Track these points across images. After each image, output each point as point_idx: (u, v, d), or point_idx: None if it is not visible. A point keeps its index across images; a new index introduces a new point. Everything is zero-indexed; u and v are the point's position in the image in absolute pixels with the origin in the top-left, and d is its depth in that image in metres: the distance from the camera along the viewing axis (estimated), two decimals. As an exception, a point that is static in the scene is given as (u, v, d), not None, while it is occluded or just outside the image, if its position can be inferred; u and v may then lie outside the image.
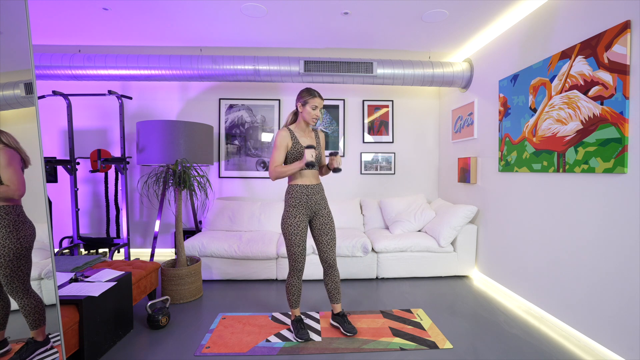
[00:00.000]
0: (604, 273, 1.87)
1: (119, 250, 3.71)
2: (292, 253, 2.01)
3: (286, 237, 2.01)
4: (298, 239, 1.99)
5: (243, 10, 2.71)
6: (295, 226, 1.99)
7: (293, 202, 2.00)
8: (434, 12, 2.70)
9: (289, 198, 2.01)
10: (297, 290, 2.09)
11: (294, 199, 2.00)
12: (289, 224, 1.99)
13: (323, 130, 1.94)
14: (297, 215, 2.00)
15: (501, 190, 2.83)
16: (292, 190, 2.02)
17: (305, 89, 2.00)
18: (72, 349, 1.66)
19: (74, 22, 2.95)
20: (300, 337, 2.02)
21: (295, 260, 2.03)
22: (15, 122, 1.28)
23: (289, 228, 1.99)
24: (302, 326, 2.09)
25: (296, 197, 2.00)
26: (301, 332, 2.05)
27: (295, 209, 2.00)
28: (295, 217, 1.99)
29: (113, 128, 3.93)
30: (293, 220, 1.99)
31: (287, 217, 2.00)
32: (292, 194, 2.01)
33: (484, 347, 1.96)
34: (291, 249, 2.01)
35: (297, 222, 1.99)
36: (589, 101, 1.95)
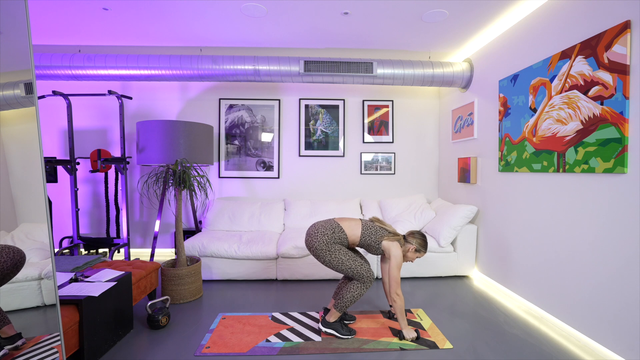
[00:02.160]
0: (604, 273, 1.87)
1: (119, 250, 3.71)
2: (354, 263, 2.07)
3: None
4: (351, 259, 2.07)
5: (243, 10, 2.71)
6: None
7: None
8: (434, 12, 2.70)
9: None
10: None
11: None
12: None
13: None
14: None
15: (501, 190, 2.83)
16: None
17: (425, 240, 2.14)
18: (72, 349, 1.66)
19: (74, 22, 2.95)
20: (352, 334, 2.07)
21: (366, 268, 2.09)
22: (15, 122, 1.28)
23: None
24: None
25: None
26: (348, 329, 2.10)
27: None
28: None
29: (113, 128, 3.93)
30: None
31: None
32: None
33: (484, 347, 1.96)
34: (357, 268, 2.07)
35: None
36: (589, 101, 1.95)
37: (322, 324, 2.09)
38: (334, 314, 2.07)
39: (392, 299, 2.01)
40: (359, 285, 2.04)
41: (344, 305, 2.03)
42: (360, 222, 2.13)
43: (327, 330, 2.07)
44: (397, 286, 2.00)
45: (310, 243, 2.06)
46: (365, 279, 2.03)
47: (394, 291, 2.00)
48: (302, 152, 4.05)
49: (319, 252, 2.03)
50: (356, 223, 2.12)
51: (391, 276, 2.02)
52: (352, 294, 2.02)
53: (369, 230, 2.09)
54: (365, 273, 2.03)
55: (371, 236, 2.08)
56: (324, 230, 2.05)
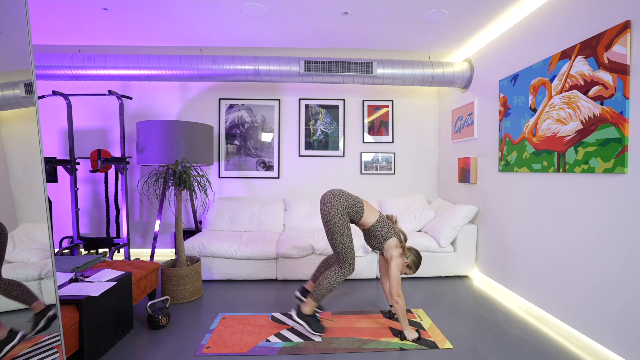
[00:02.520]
0: (604, 273, 1.87)
1: (119, 250, 3.71)
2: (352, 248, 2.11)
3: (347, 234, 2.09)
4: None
5: (243, 10, 2.71)
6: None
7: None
8: (434, 12, 2.70)
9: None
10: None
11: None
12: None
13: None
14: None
15: (501, 190, 2.83)
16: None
17: (420, 260, 2.18)
18: (72, 349, 1.66)
19: (74, 22, 2.95)
20: (322, 331, 2.06)
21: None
22: (15, 122, 1.28)
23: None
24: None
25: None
26: (321, 325, 2.09)
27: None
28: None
29: (113, 128, 3.93)
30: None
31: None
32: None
33: (484, 347, 1.96)
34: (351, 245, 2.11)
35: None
36: (589, 101, 1.95)
37: (296, 313, 2.07)
38: (310, 305, 2.07)
39: (394, 300, 2.01)
40: (337, 271, 2.05)
41: (320, 294, 2.04)
42: (378, 214, 2.18)
43: (300, 321, 2.05)
44: (398, 287, 2.01)
45: (329, 199, 2.06)
46: (347, 264, 2.05)
47: (395, 292, 2.01)
48: (302, 152, 4.05)
49: (332, 209, 2.03)
50: (375, 212, 2.17)
51: (391, 276, 2.03)
52: (329, 280, 2.04)
53: (383, 223, 2.14)
54: (350, 258, 2.05)
55: (382, 229, 2.12)
56: (348, 197, 2.10)
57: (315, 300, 2.05)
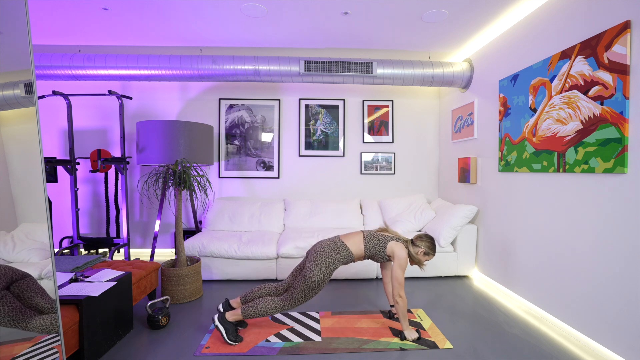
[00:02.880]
0: (604, 273, 1.87)
1: (119, 250, 3.71)
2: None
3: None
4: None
5: (243, 10, 2.71)
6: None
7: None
8: (434, 12, 2.70)
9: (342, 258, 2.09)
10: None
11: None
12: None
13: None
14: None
15: (501, 190, 2.83)
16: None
17: (433, 243, 2.13)
18: (72, 349, 1.66)
19: (74, 22, 2.95)
20: (237, 341, 1.99)
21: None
22: (15, 122, 1.28)
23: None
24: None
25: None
26: (238, 336, 2.03)
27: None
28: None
29: (113, 128, 3.93)
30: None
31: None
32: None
33: (484, 347, 1.96)
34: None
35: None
36: (589, 101, 1.95)
37: (218, 317, 2.01)
38: (236, 315, 2.01)
39: (395, 300, 2.01)
40: (281, 304, 2.00)
41: (252, 313, 1.98)
42: (362, 235, 2.14)
43: (219, 325, 1.99)
44: (400, 287, 2.00)
45: (314, 258, 2.04)
46: (295, 304, 2.01)
47: (397, 293, 2.00)
48: (302, 152, 4.05)
49: (315, 268, 1.99)
50: (359, 237, 2.12)
51: (394, 277, 2.01)
52: (269, 307, 1.99)
53: (372, 240, 2.11)
54: (301, 302, 2.02)
55: (375, 246, 2.09)
56: (329, 251, 2.04)
57: (244, 315, 1.99)
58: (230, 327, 2.00)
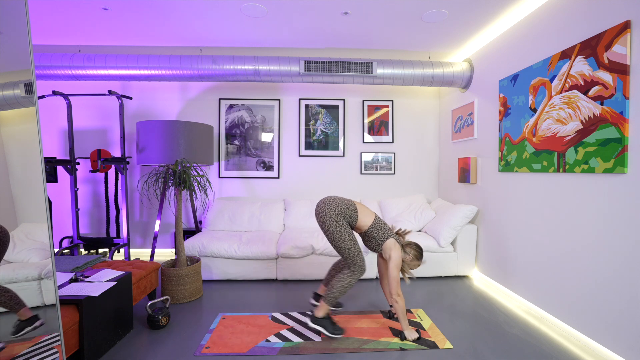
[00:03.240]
0: (604, 273, 1.87)
1: (119, 250, 3.71)
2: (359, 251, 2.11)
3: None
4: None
5: (243, 10, 2.71)
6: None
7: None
8: (434, 12, 2.70)
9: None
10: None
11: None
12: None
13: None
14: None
15: (501, 190, 2.83)
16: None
17: (420, 251, 2.17)
18: (72, 349, 1.66)
19: (74, 22, 2.95)
20: (340, 333, 2.03)
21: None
22: (15, 122, 1.28)
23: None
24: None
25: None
26: (337, 327, 2.06)
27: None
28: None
29: (113, 128, 3.93)
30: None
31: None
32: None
33: (484, 347, 1.96)
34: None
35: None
36: (589, 101, 1.95)
37: (310, 319, 2.06)
38: (323, 308, 2.05)
39: (394, 299, 2.01)
40: (349, 274, 2.04)
41: (333, 297, 2.03)
42: (374, 215, 2.17)
43: (316, 327, 2.03)
44: (397, 286, 2.00)
45: (321, 209, 2.07)
46: (357, 267, 2.04)
47: (395, 292, 2.00)
48: (302, 152, 4.05)
49: (326, 219, 2.03)
50: (370, 213, 2.16)
51: (391, 276, 2.02)
52: (342, 283, 2.03)
53: (380, 224, 2.13)
54: (359, 261, 2.04)
55: (379, 231, 2.11)
56: (339, 202, 2.08)
57: (328, 303, 2.04)
58: (326, 322, 2.04)
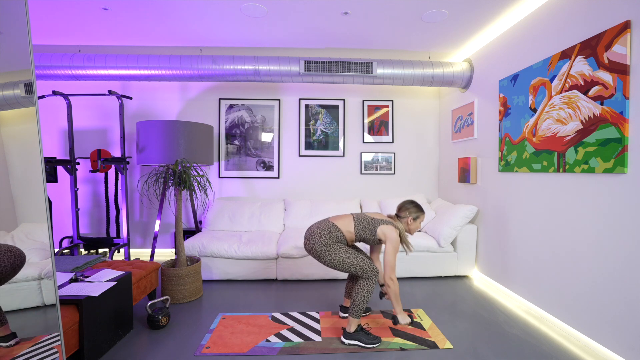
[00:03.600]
0: (604, 273, 1.87)
1: (119, 250, 3.71)
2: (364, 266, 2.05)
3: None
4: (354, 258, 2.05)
5: (243, 10, 2.71)
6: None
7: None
8: (434, 12, 2.70)
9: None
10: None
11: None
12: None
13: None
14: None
15: (501, 190, 2.83)
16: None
17: (416, 204, 2.14)
18: (72, 349, 1.66)
19: (74, 22, 2.95)
20: (377, 342, 1.98)
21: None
22: (15, 122, 1.28)
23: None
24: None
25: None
26: (372, 336, 2.01)
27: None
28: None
29: (113, 128, 3.93)
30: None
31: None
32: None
33: (484, 347, 1.96)
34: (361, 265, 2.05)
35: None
36: (589, 101, 1.95)
37: (344, 336, 2.00)
38: (353, 322, 1.99)
39: (387, 284, 1.97)
40: (365, 283, 1.99)
41: (358, 309, 1.97)
42: (352, 217, 2.11)
43: (351, 342, 1.98)
44: (391, 271, 1.96)
45: (309, 246, 2.05)
46: (370, 274, 1.99)
47: (389, 276, 1.96)
48: (302, 152, 4.05)
49: (319, 253, 2.01)
50: (348, 219, 2.10)
51: (386, 260, 1.98)
52: (362, 294, 1.98)
53: (362, 222, 2.07)
54: (368, 268, 1.99)
55: (365, 229, 2.06)
56: (320, 232, 2.03)
57: (355, 316, 1.98)
58: (360, 335, 1.99)
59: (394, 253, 1.98)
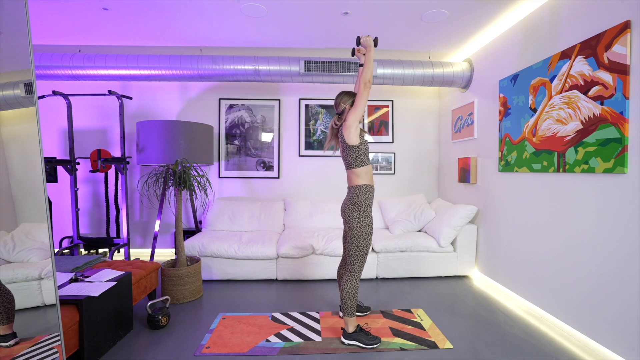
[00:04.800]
0: (604, 273, 1.87)
1: (119, 250, 3.71)
2: (366, 253, 1.99)
3: (365, 237, 1.95)
4: (371, 238, 2.00)
5: (243, 10, 2.71)
6: (372, 226, 1.99)
7: (370, 202, 1.98)
8: (434, 12, 2.70)
9: (367, 198, 1.97)
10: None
11: (370, 199, 1.99)
12: (369, 223, 1.97)
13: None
14: (371, 215, 2.00)
15: (501, 190, 2.83)
16: (368, 191, 1.98)
17: (347, 92, 2.06)
18: (72, 349, 1.66)
19: (74, 22, 2.95)
20: (376, 342, 1.96)
21: (365, 261, 2.01)
22: (15, 122, 1.28)
23: (368, 227, 1.96)
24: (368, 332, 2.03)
25: (371, 198, 2.00)
26: (371, 336, 1.98)
27: (370, 209, 1.99)
28: (371, 216, 2.00)
29: (113, 128, 3.93)
30: (371, 220, 1.98)
31: (367, 217, 1.96)
32: (369, 194, 1.98)
33: (484, 347, 1.96)
34: (366, 249, 1.98)
35: (372, 222, 2.00)
36: (589, 101, 1.95)
37: (343, 336, 1.99)
38: (349, 321, 1.98)
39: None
40: (349, 278, 1.97)
41: (348, 307, 1.97)
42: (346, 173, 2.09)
43: (350, 342, 1.96)
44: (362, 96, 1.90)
45: (343, 212, 2.01)
46: (357, 267, 1.96)
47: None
48: (302, 152, 4.05)
49: (349, 218, 1.96)
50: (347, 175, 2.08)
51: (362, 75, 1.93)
52: (347, 290, 1.97)
53: (345, 157, 2.03)
54: (360, 262, 1.96)
55: (343, 154, 2.03)
56: (354, 199, 1.97)
57: (348, 315, 1.97)
58: (359, 336, 1.97)
59: (361, 101, 1.91)
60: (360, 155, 1.98)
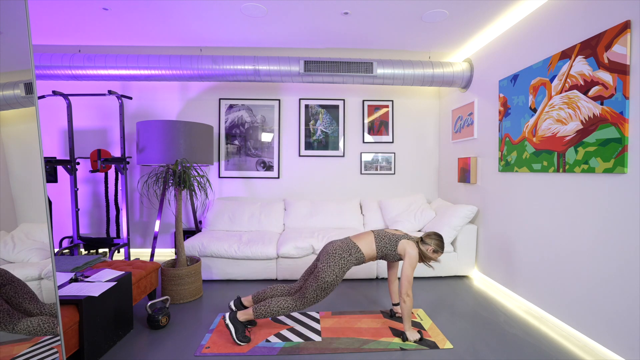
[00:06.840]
0: (604, 273, 1.87)
1: (119, 250, 3.71)
2: (321, 299, 2.06)
3: (330, 286, 2.02)
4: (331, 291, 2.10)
5: (243, 10, 2.71)
6: (339, 281, 2.07)
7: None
8: (434, 12, 2.70)
9: (354, 259, 2.07)
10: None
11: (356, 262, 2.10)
12: (340, 277, 2.04)
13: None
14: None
15: (501, 190, 2.83)
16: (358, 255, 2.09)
17: (442, 240, 2.14)
18: (72, 349, 1.66)
19: (74, 22, 2.95)
20: (245, 341, 1.98)
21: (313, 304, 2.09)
22: (15, 122, 1.28)
23: (337, 280, 2.03)
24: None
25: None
26: (247, 337, 2.01)
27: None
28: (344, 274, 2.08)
29: (113, 128, 3.93)
30: (342, 276, 2.06)
31: (342, 272, 2.04)
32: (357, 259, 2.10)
33: (484, 347, 1.96)
34: (323, 295, 2.04)
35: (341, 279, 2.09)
36: (589, 101, 1.95)
37: (229, 316, 2.00)
38: (248, 315, 2.00)
39: (403, 299, 2.00)
40: (293, 304, 2.01)
41: (264, 313, 1.99)
42: (372, 235, 2.14)
43: (229, 324, 1.98)
44: (409, 286, 2.00)
45: (325, 260, 2.03)
46: (306, 305, 2.02)
47: (405, 292, 1.99)
48: (302, 152, 4.05)
49: (327, 271, 1.99)
50: (370, 237, 2.13)
51: (404, 275, 2.01)
52: (281, 308, 2.00)
53: (383, 239, 2.12)
54: (312, 303, 2.02)
55: (386, 245, 2.10)
56: (341, 252, 2.04)
57: (255, 315, 2.00)
58: (240, 326, 1.99)
59: (411, 269, 2.02)
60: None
